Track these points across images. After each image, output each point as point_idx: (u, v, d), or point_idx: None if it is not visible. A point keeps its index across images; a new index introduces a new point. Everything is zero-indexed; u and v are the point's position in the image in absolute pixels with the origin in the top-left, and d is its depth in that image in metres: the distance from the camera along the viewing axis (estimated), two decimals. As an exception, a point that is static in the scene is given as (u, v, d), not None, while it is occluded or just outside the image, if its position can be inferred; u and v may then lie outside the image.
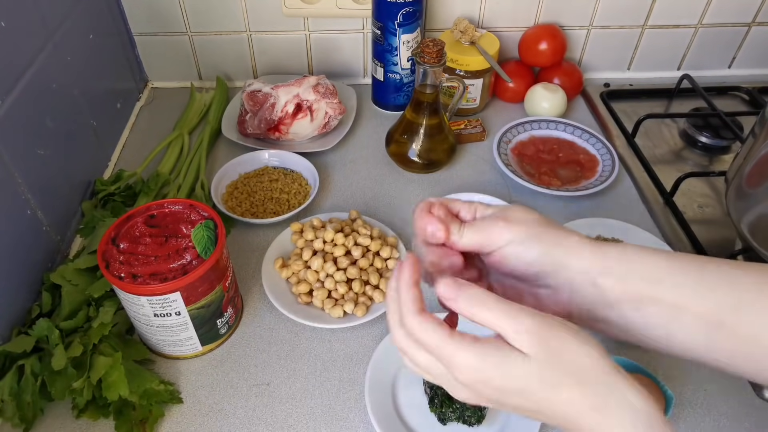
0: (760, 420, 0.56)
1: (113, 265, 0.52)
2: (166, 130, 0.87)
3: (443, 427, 0.54)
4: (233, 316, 0.61)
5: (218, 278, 0.55)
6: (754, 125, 0.64)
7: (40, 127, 0.64)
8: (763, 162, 0.60)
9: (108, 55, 0.84)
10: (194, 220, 0.56)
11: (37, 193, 0.63)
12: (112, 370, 0.52)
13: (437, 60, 0.71)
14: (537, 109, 0.90)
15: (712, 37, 0.99)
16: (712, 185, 0.81)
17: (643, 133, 0.89)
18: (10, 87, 0.59)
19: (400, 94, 0.91)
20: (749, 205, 0.63)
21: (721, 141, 0.87)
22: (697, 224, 0.74)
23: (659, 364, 0.60)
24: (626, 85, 1.01)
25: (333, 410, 0.56)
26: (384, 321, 0.63)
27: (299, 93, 0.81)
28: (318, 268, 0.64)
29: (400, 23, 0.82)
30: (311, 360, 0.60)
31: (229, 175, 0.78)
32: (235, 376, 0.58)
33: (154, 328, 0.55)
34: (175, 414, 0.55)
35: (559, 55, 0.93)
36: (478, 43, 0.88)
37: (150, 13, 0.89)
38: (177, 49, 0.93)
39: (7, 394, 0.52)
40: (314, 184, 0.76)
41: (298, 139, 0.84)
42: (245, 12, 0.90)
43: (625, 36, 0.98)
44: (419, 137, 0.78)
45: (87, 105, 0.76)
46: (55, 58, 0.68)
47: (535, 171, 0.81)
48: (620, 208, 0.77)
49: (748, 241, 0.63)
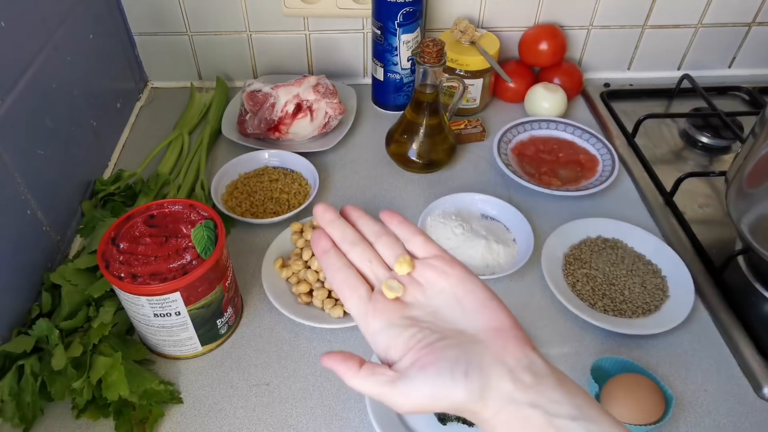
0: (760, 420, 0.56)
1: (113, 265, 0.52)
2: (166, 130, 0.87)
3: (443, 427, 0.54)
4: (233, 316, 0.61)
5: (218, 278, 0.55)
6: (754, 125, 0.64)
7: (40, 127, 0.64)
8: (763, 162, 0.60)
9: (108, 55, 0.84)
10: (194, 220, 0.56)
11: (37, 193, 0.63)
12: (112, 370, 0.52)
13: (437, 60, 0.71)
14: (537, 109, 0.90)
15: (712, 37, 0.99)
16: (712, 185, 0.81)
17: (643, 133, 0.89)
18: (10, 87, 0.59)
19: (400, 94, 0.91)
20: (749, 205, 0.63)
21: (722, 141, 0.87)
22: (697, 224, 0.74)
23: (659, 364, 0.60)
24: (626, 85, 1.01)
25: (333, 410, 0.56)
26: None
27: (299, 93, 0.81)
28: (318, 268, 0.64)
29: (400, 23, 0.82)
30: (311, 360, 0.60)
31: (229, 175, 0.78)
32: (235, 376, 0.58)
33: (154, 328, 0.55)
34: (175, 414, 0.55)
35: (559, 55, 0.93)
36: (478, 43, 0.88)
37: (150, 13, 0.89)
38: (177, 49, 0.93)
39: (7, 394, 0.51)
40: (314, 184, 0.76)
41: (298, 139, 0.84)
42: (245, 12, 0.90)
43: (625, 36, 0.98)
44: (419, 137, 0.78)
45: (87, 105, 0.76)
46: (55, 58, 0.68)
47: (535, 171, 0.81)
48: (620, 208, 0.77)
49: (748, 241, 0.63)
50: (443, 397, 0.33)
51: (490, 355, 0.34)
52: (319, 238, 0.39)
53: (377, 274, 0.38)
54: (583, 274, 0.66)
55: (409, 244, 0.39)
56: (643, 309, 0.63)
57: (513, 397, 0.32)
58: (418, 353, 0.34)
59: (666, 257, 0.68)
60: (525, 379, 0.33)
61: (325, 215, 0.40)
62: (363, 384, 0.34)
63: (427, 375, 0.33)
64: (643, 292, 0.65)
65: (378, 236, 0.39)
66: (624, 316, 0.63)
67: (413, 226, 0.40)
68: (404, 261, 0.37)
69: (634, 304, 0.63)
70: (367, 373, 0.34)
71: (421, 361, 0.34)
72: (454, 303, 0.37)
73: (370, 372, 0.35)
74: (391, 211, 0.41)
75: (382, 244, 0.39)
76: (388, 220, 0.40)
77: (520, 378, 0.33)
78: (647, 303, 0.64)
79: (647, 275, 0.66)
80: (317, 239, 0.39)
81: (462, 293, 0.37)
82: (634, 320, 0.62)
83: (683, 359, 0.60)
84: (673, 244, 0.71)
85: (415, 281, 0.38)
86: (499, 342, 0.34)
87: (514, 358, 0.34)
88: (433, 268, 0.38)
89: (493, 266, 0.68)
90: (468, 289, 0.37)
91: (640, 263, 0.68)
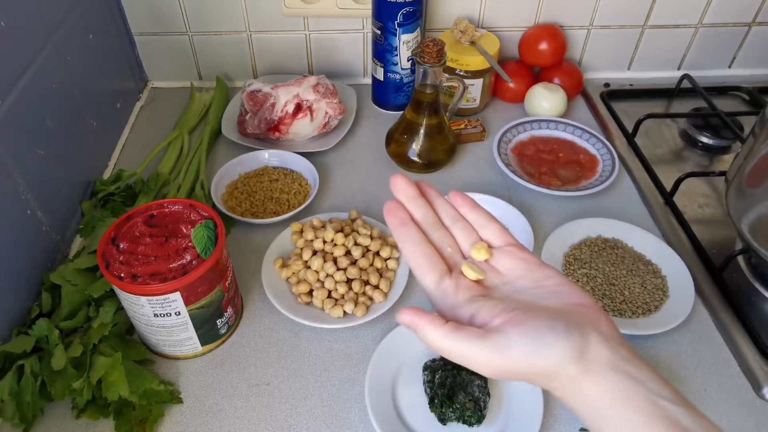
0: (760, 420, 0.56)
1: (113, 265, 0.52)
2: (166, 130, 0.87)
3: (443, 427, 0.54)
4: (233, 316, 0.61)
5: (218, 278, 0.55)
6: (755, 125, 0.64)
7: (40, 127, 0.64)
8: (763, 162, 0.60)
9: (108, 55, 0.84)
10: (194, 220, 0.56)
11: (37, 193, 0.63)
12: (112, 370, 0.52)
13: (437, 60, 0.71)
14: (537, 109, 0.90)
15: (712, 37, 0.99)
16: (712, 185, 0.81)
17: (643, 133, 0.89)
18: (10, 87, 0.59)
19: (400, 94, 0.91)
20: (749, 205, 0.63)
21: (722, 141, 0.87)
22: (697, 224, 0.74)
23: (659, 364, 0.60)
24: (626, 85, 1.01)
25: (333, 410, 0.56)
26: (384, 321, 0.63)
27: (299, 93, 0.81)
28: (318, 268, 0.64)
29: (400, 23, 0.82)
30: (311, 360, 0.60)
31: (229, 175, 0.78)
32: (235, 376, 0.58)
33: (154, 328, 0.55)
34: (175, 414, 0.55)
35: (559, 55, 0.93)
36: (478, 43, 0.88)
37: (150, 13, 0.89)
38: (177, 49, 0.93)
39: (7, 394, 0.51)
40: (314, 184, 0.76)
41: (298, 139, 0.84)
42: (245, 12, 0.90)
43: (625, 36, 0.98)
44: (419, 137, 0.78)
45: (87, 105, 0.76)
46: (55, 58, 0.68)
47: (535, 171, 0.81)
48: (620, 208, 0.77)
49: (748, 241, 0.63)
50: (540, 355, 0.31)
51: (586, 321, 0.32)
52: (396, 209, 0.39)
53: (454, 258, 0.38)
54: (583, 274, 0.66)
55: (483, 231, 0.39)
56: (643, 309, 0.63)
57: (614, 364, 0.31)
58: (509, 314, 0.32)
59: (666, 257, 0.68)
60: (621, 352, 0.31)
61: (408, 190, 0.39)
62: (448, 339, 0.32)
63: (524, 329, 0.31)
64: (643, 292, 0.65)
65: (454, 221, 0.40)
66: (624, 316, 0.63)
67: (487, 212, 0.40)
68: (482, 247, 0.38)
69: (634, 304, 0.63)
70: (453, 328, 0.32)
71: (516, 318, 0.32)
72: (534, 286, 0.36)
73: (455, 327, 0.32)
74: (461, 193, 0.41)
75: (458, 229, 0.39)
76: (460, 203, 0.40)
77: (617, 349, 0.31)
78: (647, 303, 0.64)
79: (647, 275, 0.66)
80: (393, 210, 0.39)
81: (541, 277, 0.36)
82: (634, 320, 0.62)
83: (683, 359, 0.60)
84: (673, 244, 0.71)
85: (492, 268, 0.38)
86: (590, 313, 0.33)
87: (608, 329, 0.32)
88: (510, 255, 0.38)
89: (493, 266, 0.68)
90: (546, 274, 0.37)
91: (640, 263, 0.68)
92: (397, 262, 0.67)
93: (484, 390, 0.54)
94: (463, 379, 0.54)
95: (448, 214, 0.40)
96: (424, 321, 0.33)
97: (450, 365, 0.55)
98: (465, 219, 0.40)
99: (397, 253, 0.67)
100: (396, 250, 0.67)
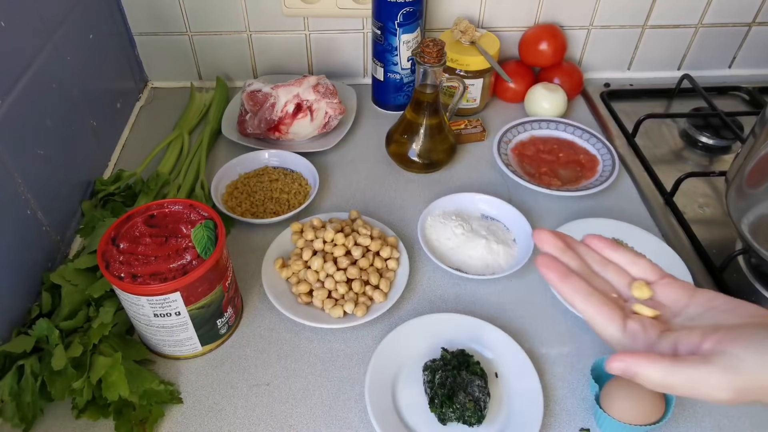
0: (760, 420, 0.56)
1: (113, 265, 0.52)
2: (166, 130, 0.87)
3: (443, 427, 0.54)
4: (233, 316, 0.61)
5: (218, 278, 0.55)
6: (755, 125, 0.64)
7: (40, 127, 0.64)
8: (763, 162, 0.60)
9: (108, 55, 0.84)
10: (194, 220, 0.56)
11: (37, 193, 0.63)
12: (112, 371, 0.52)
13: (437, 60, 0.71)
14: (537, 109, 0.90)
15: (712, 37, 0.99)
16: (712, 185, 0.81)
17: (643, 133, 0.89)
18: (10, 87, 0.59)
19: (400, 94, 0.91)
20: (749, 205, 0.63)
21: (722, 141, 0.87)
22: (697, 224, 0.74)
23: (659, 364, 0.60)
24: (626, 85, 1.01)
25: (333, 410, 0.56)
26: (384, 321, 0.63)
27: (299, 93, 0.81)
28: (318, 268, 0.64)
29: (400, 23, 0.82)
30: (311, 360, 0.60)
31: (229, 175, 0.78)
32: (235, 376, 0.58)
33: (154, 328, 0.55)
34: (175, 414, 0.55)
35: (559, 55, 0.93)
36: (478, 43, 0.88)
37: (150, 13, 0.89)
38: (177, 49, 0.93)
39: (7, 394, 0.51)
40: (314, 184, 0.76)
41: (298, 139, 0.84)
42: (245, 12, 0.90)
43: (625, 36, 0.98)
44: (419, 137, 0.78)
45: (87, 105, 0.76)
46: (55, 58, 0.68)
47: (535, 171, 0.81)
48: (620, 208, 0.77)
49: (748, 241, 0.63)
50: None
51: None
52: (552, 263, 0.39)
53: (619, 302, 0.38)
54: (583, 274, 0.66)
55: (634, 269, 0.40)
56: (643, 309, 0.63)
57: None
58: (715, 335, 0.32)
59: (666, 257, 0.68)
60: None
61: (557, 243, 0.40)
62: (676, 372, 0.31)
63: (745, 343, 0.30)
64: (643, 292, 0.65)
65: (603, 266, 0.40)
66: (624, 316, 0.63)
67: (629, 249, 0.41)
68: (642, 285, 0.39)
69: (634, 304, 0.63)
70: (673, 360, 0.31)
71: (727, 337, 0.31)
72: (706, 309, 0.36)
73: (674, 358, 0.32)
74: (598, 236, 0.41)
75: (610, 272, 0.40)
76: (601, 246, 0.41)
77: None
78: (647, 303, 0.64)
79: (647, 275, 0.66)
80: (550, 264, 0.38)
81: (705, 300, 0.37)
82: (634, 320, 0.62)
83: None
84: (673, 244, 0.71)
85: (658, 303, 0.38)
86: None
87: None
88: (670, 287, 0.38)
89: (493, 266, 0.68)
90: (709, 297, 0.37)
91: (640, 263, 0.68)
92: (397, 262, 0.67)
93: (484, 390, 0.54)
94: (463, 379, 0.54)
95: (595, 260, 0.41)
96: (643, 361, 0.32)
97: (450, 365, 0.55)
98: (612, 261, 0.40)
99: (397, 253, 0.67)
100: (396, 250, 0.67)
